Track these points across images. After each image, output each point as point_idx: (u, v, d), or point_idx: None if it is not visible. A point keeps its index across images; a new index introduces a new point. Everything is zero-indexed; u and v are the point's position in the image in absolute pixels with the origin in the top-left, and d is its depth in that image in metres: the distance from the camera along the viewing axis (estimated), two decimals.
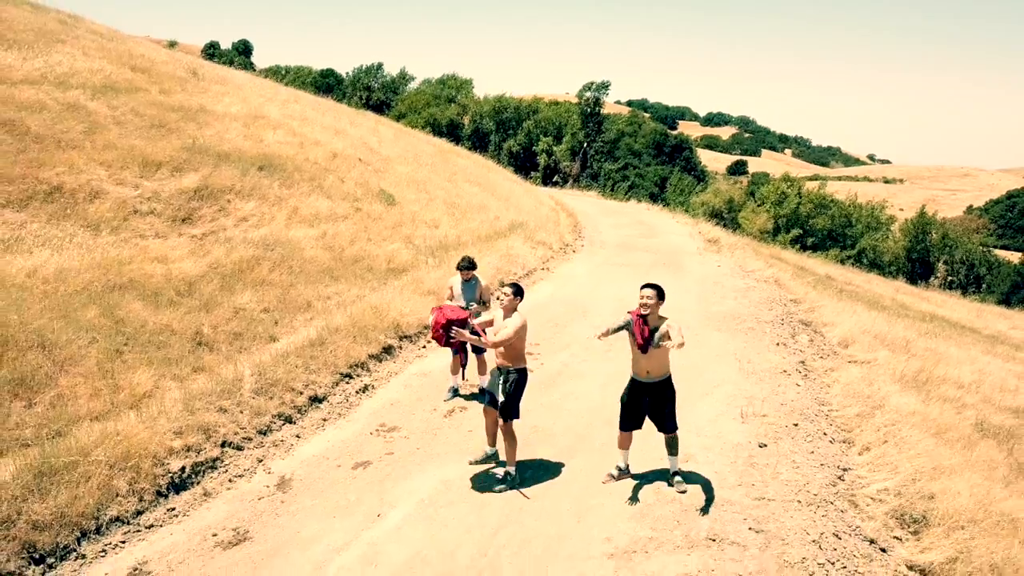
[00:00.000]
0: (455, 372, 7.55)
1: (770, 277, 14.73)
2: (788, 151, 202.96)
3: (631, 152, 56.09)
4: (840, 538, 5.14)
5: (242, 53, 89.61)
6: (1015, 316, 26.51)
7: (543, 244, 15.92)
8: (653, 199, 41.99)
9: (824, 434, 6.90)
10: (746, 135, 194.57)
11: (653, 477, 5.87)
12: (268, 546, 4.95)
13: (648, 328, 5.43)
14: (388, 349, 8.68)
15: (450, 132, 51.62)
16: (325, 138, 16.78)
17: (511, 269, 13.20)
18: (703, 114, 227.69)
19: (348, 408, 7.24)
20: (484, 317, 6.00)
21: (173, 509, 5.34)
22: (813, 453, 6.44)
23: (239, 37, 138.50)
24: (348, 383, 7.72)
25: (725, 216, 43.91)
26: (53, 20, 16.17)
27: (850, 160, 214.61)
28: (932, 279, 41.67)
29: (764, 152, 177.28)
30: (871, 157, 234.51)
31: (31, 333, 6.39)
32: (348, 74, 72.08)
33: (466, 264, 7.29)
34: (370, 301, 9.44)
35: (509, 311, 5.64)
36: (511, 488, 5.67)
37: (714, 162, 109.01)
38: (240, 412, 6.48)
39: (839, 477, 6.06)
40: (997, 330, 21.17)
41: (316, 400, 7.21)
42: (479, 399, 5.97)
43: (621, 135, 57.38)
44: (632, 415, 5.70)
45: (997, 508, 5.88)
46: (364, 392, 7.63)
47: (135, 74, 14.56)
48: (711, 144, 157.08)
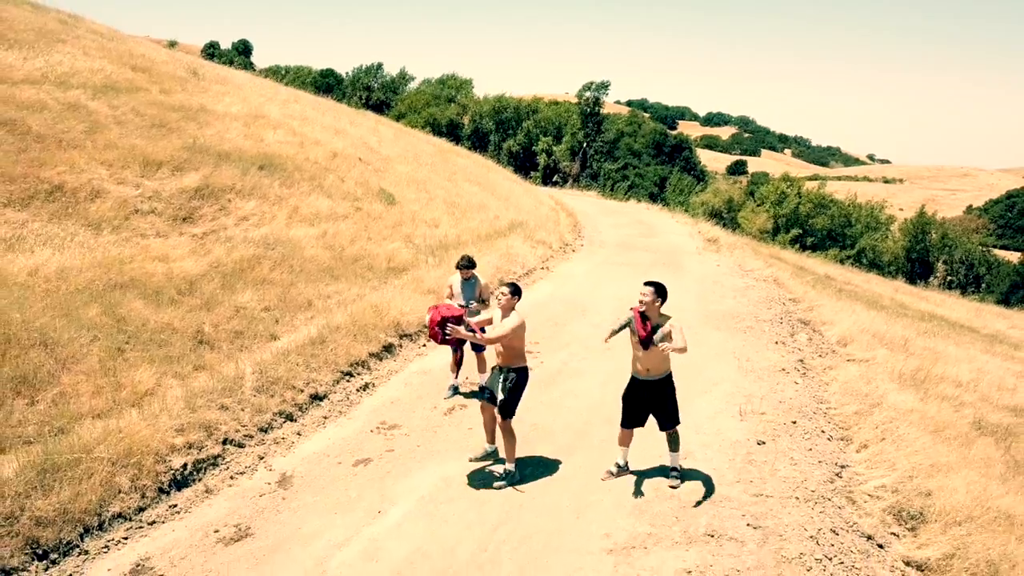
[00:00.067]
0: (455, 370, 7.60)
1: (769, 276, 14.77)
2: (788, 151, 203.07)
3: (631, 152, 56.17)
4: (837, 534, 5.17)
5: (242, 53, 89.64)
6: (1014, 316, 26.55)
7: (543, 243, 15.95)
8: (653, 199, 42.06)
9: (822, 432, 6.93)
10: (746, 135, 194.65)
11: (652, 474, 5.91)
12: (269, 542, 4.98)
13: (650, 325, 5.46)
14: (388, 347, 8.72)
15: (450, 132, 51.67)
16: (325, 138, 16.82)
17: (511, 268, 13.24)
18: (703, 114, 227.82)
19: (349, 406, 7.28)
20: (483, 316, 6.02)
21: (175, 506, 5.37)
22: (811, 450, 6.48)
23: (239, 37, 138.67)
24: (349, 381, 7.75)
25: (724, 216, 43.98)
26: (53, 20, 16.20)
27: (850, 160, 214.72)
28: (931, 279, 41.76)
29: (764, 152, 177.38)
30: (871, 157, 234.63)
31: (33, 331, 6.42)
32: (348, 74, 72.14)
33: (465, 263, 7.32)
34: (370, 300, 9.48)
35: (507, 311, 5.67)
36: (511, 485, 5.70)
37: (714, 162, 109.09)
38: (241, 410, 6.51)
39: (837, 474, 6.10)
40: (996, 329, 21.21)
41: (317, 398, 7.24)
42: (479, 397, 6.01)
43: (621, 135, 57.46)
44: (633, 413, 5.73)
45: (994, 505, 5.92)
46: (365, 390, 7.67)
47: (135, 74, 14.59)
48: (711, 144, 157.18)
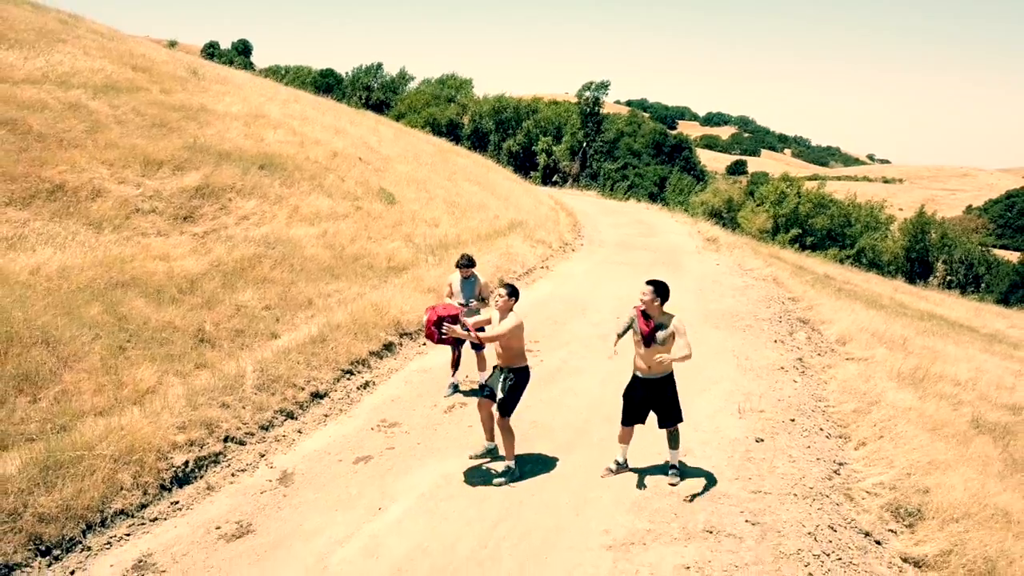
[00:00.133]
0: (454, 368, 7.63)
1: (768, 276, 14.80)
2: (787, 151, 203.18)
3: (630, 152, 56.21)
4: (835, 530, 5.20)
5: (241, 53, 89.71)
6: (1013, 315, 26.60)
7: (542, 243, 15.98)
8: (652, 199, 42.12)
9: (820, 429, 6.96)
10: (745, 135, 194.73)
11: (651, 471, 5.94)
12: (271, 538, 5.01)
13: (652, 323, 5.50)
14: (389, 346, 8.75)
15: (450, 132, 51.71)
16: (325, 137, 16.84)
17: (511, 267, 13.27)
18: (702, 114, 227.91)
19: (349, 404, 7.31)
20: (481, 316, 6.07)
21: (177, 502, 5.40)
22: (809, 448, 6.51)
23: (238, 37, 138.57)
24: (349, 379, 7.78)
25: (724, 216, 44.02)
26: (54, 20, 16.22)
27: (849, 160, 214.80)
28: (931, 279, 41.80)
29: (763, 152, 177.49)
30: (870, 157, 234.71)
31: (35, 330, 6.45)
32: (348, 74, 72.18)
33: (465, 262, 7.35)
34: (371, 299, 9.51)
35: (504, 312, 5.70)
36: (511, 481, 5.73)
37: (713, 162, 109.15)
38: (242, 408, 6.54)
39: (835, 471, 6.13)
40: (995, 329, 21.26)
41: (317, 396, 7.27)
42: (479, 394, 6.04)
43: (620, 135, 57.51)
44: (634, 410, 5.76)
45: (991, 502, 5.95)
46: (365, 388, 7.70)
47: (136, 73, 14.61)
48: (710, 144, 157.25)
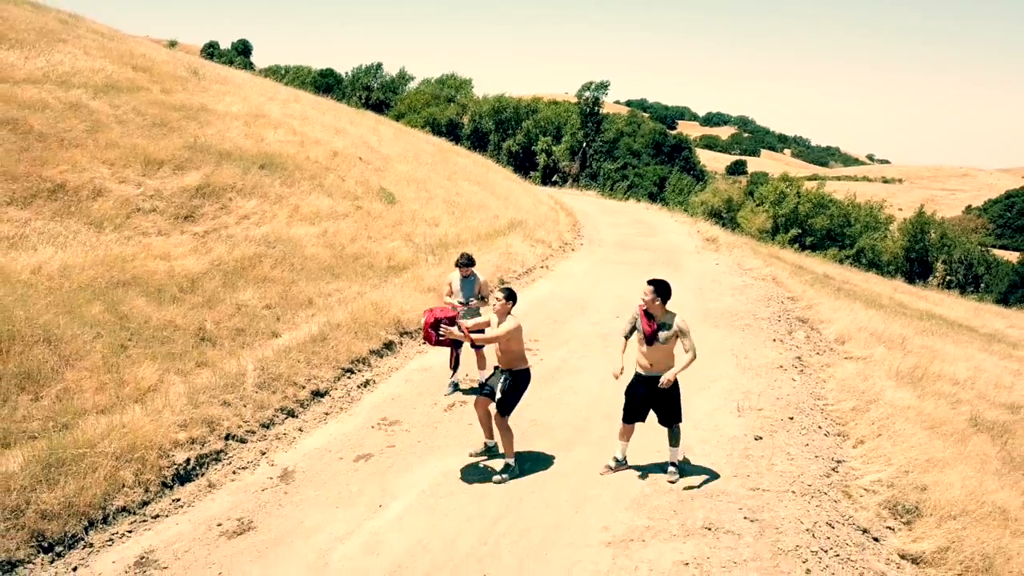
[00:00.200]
0: (453, 367, 7.66)
1: (768, 275, 14.82)
2: (787, 151, 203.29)
3: (630, 152, 56.27)
4: (833, 527, 5.23)
5: (241, 53, 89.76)
6: (1013, 315, 26.63)
7: (542, 242, 16.01)
8: (652, 199, 42.17)
9: (819, 427, 6.99)
10: (745, 135, 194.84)
11: (650, 468, 5.96)
12: (272, 535, 5.04)
13: (655, 324, 5.53)
14: (389, 345, 8.77)
15: (449, 132, 51.76)
16: (325, 137, 16.87)
17: (511, 267, 13.30)
18: (702, 114, 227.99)
19: (350, 402, 7.34)
20: (480, 319, 6.12)
21: (178, 500, 5.43)
22: (808, 446, 6.54)
23: (238, 37, 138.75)
24: (349, 378, 7.81)
25: (724, 216, 44.07)
26: (54, 19, 16.24)
27: (849, 160, 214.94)
28: (930, 278, 41.85)
29: (763, 152, 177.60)
30: (870, 157, 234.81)
31: (37, 328, 6.47)
32: (347, 74, 72.23)
33: (465, 260, 7.38)
34: (371, 298, 9.53)
35: (502, 315, 5.73)
36: (511, 478, 5.76)
37: (713, 162, 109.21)
38: (243, 406, 6.57)
39: (833, 469, 6.15)
40: (994, 328, 21.28)
41: (318, 394, 7.30)
42: (478, 393, 6.08)
43: (620, 135, 57.58)
44: (634, 408, 5.79)
45: (989, 500, 5.97)
46: (365, 387, 7.72)
47: (136, 73, 14.64)
48: (710, 144, 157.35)
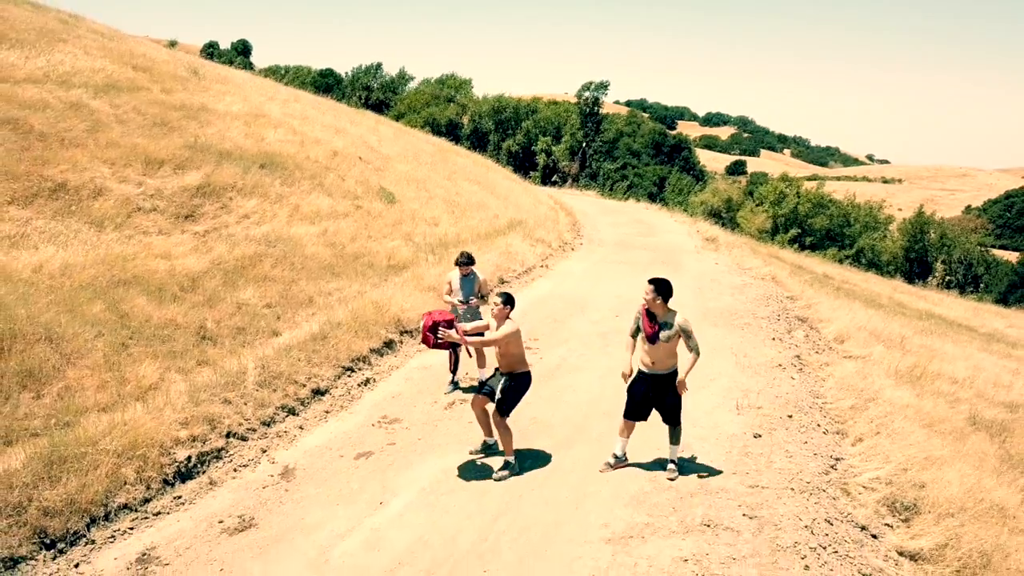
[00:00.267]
0: (452, 367, 7.69)
1: (767, 275, 14.85)
2: (787, 151, 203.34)
3: (630, 152, 56.32)
4: (832, 524, 5.25)
5: (241, 53, 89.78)
6: (1012, 315, 26.70)
7: (542, 242, 16.04)
8: (652, 198, 42.22)
9: (818, 425, 7.01)
10: (745, 135, 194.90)
11: (650, 466, 5.99)
12: (273, 532, 5.06)
13: (657, 324, 5.55)
14: (389, 343, 8.80)
15: (449, 131, 51.78)
16: (325, 137, 16.90)
17: (510, 266, 13.32)
18: (702, 114, 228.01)
19: (350, 400, 7.36)
20: (479, 323, 6.17)
21: (180, 497, 5.45)
22: (807, 443, 6.56)
23: (238, 37, 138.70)
24: (350, 376, 7.83)
25: (724, 216, 44.13)
26: (54, 19, 16.26)
27: (849, 160, 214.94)
28: (930, 278, 41.90)
29: (763, 152, 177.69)
30: (870, 157, 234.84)
31: (38, 327, 6.49)
32: (347, 74, 72.23)
33: (464, 259, 7.40)
34: (371, 297, 9.56)
35: (500, 320, 5.77)
36: (511, 476, 5.78)
37: (713, 162, 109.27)
38: (244, 404, 6.60)
39: (832, 466, 6.18)
40: (994, 328, 21.33)
41: (318, 392, 7.32)
42: (478, 391, 6.11)
43: (620, 135, 57.62)
44: (636, 405, 5.80)
45: (987, 497, 5.99)
46: (366, 385, 7.75)
47: (137, 73, 14.65)
48: (710, 144, 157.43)
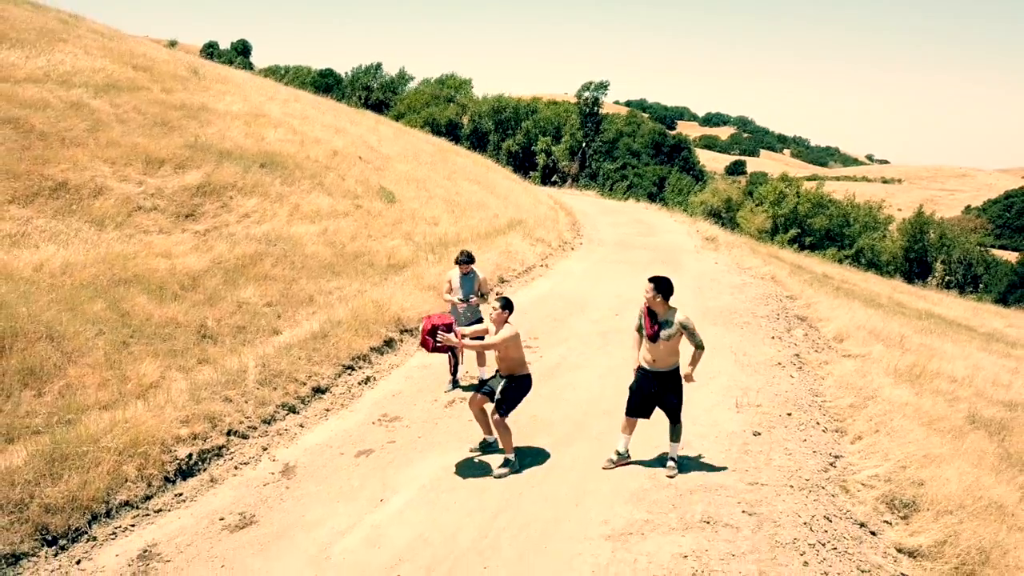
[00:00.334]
0: (452, 366, 7.71)
1: (767, 274, 14.86)
2: (787, 151, 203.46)
3: (630, 152, 56.33)
4: (831, 521, 5.27)
5: (241, 53, 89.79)
6: (1011, 314, 26.69)
7: (542, 241, 16.06)
8: (651, 198, 42.23)
9: (817, 423, 7.03)
10: (744, 135, 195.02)
11: (650, 463, 6.01)
12: (274, 529, 5.08)
13: (657, 324, 5.57)
14: (389, 342, 8.81)
15: (449, 131, 51.77)
16: (325, 136, 16.91)
17: (510, 265, 13.34)
18: (702, 114, 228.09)
19: (350, 399, 7.38)
20: (479, 326, 6.22)
21: (181, 494, 5.47)
22: (806, 441, 6.58)
23: (238, 37, 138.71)
24: (350, 374, 7.85)
25: (723, 215, 44.13)
26: (54, 19, 16.27)
27: (848, 160, 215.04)
28: (929, 278, 41.91)
29: (763, 152, 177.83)
30: (869, 157, 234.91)
31: (40, 325, 6.51)
32: (347, 74, 72.22)
33: (464, 258, 7.42)
34: (371, 296, 9.57)
35: (499, 324, 5.80)
36: (511, 473, 5.80)
37: (712, 162, 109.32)
38: (245, 402, 6.61)
39: (831, 464, 6.19)
40: (993, 328, 21.33)
41: (319, 391, 7.34)
42: (478, 390, 6.13)
43: (620, 135, 57.64)
44: (638, 403, 5.82)
45: (986, 495, 6.01)
46: (366, 383, 7.77)
47: (137, 73, 14.67)
48: (709, 144, 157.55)
